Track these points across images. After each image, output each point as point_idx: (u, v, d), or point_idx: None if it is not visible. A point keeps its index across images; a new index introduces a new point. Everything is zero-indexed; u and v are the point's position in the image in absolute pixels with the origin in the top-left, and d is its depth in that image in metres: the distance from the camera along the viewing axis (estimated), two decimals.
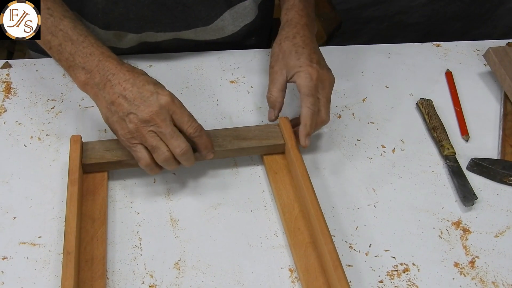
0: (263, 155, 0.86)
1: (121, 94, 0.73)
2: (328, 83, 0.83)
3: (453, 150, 0.89)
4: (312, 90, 0.81)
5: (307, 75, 0.81)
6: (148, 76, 0.76)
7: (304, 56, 0.83)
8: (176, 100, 0.74)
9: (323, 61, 0.85)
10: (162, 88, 0.74)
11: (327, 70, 0.84)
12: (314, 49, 0.85)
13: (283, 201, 0.80)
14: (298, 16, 0.88)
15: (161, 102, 0.72)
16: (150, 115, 0.71)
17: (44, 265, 0.72)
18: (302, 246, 0.75)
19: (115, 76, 0.74)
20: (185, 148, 0.73)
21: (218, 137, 0.83)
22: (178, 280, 0.72)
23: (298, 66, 0.82)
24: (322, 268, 0.73)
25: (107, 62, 0.75)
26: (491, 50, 1.02)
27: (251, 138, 0.84)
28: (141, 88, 0.73)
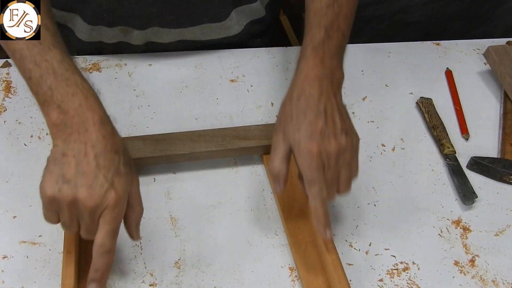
0: (263, 155, 0.85)
1: (76, 156, 0.62)
2: (335, 155, 0.67)
3: (453, 149, 0.89)
4: (313, 174, 0.67)
5: (306, 156, 0.67)
6: (120, 155, 0.64)
7: (304, 126, 0.68)
8: (118, 208, 0.62)
9: (331, 125, 0.68)
10: (121, 183, 0.62)
11: (335, 137, 0.68)
12: (323, 111, 0.68)
13: (283, 199, 0.80)
14: (308, 68, 0.71)
15: (103, 199, 0.61)
16: (86, 205, 0.61)
17: (44, 264, 0.72)
18: (302, 244, 0.75)
19: (87, 133, 0.63)
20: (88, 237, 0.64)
21: (217, 137, 0.83)
22: (178, 279, 0.72)
23: (297, 142, 0.68)
24: (322, 267, 0.73)
25: (89, 111, 0.64)
26: (491, 49, 1.02)
27: (250, 138, 0.84)
28: (99, 170, 0.62)
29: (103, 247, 0.63)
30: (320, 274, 0.72)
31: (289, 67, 1.02)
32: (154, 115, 0.91)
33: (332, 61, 0.73)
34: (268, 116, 0.93)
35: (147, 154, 0.80)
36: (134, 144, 0.81)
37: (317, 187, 0.67)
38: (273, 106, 0.94)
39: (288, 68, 1.01)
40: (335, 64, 0.73)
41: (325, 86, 0.70)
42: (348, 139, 0.69)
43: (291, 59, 1.03)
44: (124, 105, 0.92)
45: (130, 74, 0.97)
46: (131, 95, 0.94)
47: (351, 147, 0.69)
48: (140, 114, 0.91)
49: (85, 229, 0.64)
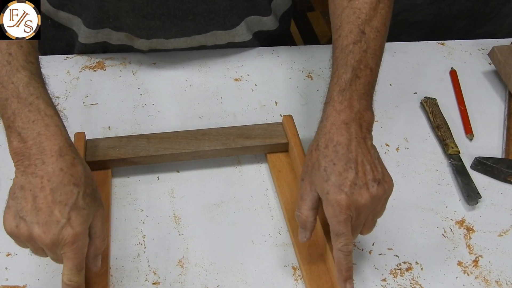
0: (267, 154, 0.86)
1: (33, 190, 0.60)
2: (363, 207, 0.65)
3: (457, 149, 0.89)
4: (340, 227, 0.64)
5: (335, 207, 0.64)
6: (80, 187, 0.61)
7: (333, 177, 0.65)
8: (78, 244, 0.60)
9: (362, 176, 0.65)
10: (79, 218, 0.60)
11: (367, 188, 0.65)
12: (354, 161, 0.65)
13: (287, 199, 0.80)
14: (334, 112, 0.67)
15: (59, 237, 0.59)
16: (43, 241, 0.59)
17: (48, 261, 0.72)
18: (306, 244, 0.75)
19: (43, 165, 0.60)
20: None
21: (221, 135, 0.83)
22: (182, 277, 0.72)
23: (326, 193, 0.65)
24: (325, 267, 0.73)
25: (47, 141, 0.61)
26: (496, 49, 1.01)
27: (254, 137, 0.84)
28: (55, 205, 0.59)
29: (69, 284, 0.61)
30: (323, 273, 0.72)
31: (293, 66, 1.02)
32: (158, 114, 0.91)
33: (361, 102, 0.69)
34: (272, 115, 0.93)
35: (151, 153, 0.81)
36: (138, 143, 0.81)
37: (343, 240, 0.65)
38: (277, 105, 0.94)
39: (292, 67, 1.01)
40: (364, 105, 0.69)
41: (353, 132, 0.67)
42: (380, 189, 0.65)
43: (295, 58, 1.03)
44: (128, 103, 0.92)
45: (134, 73, 0.97)
46: (136, 93, 0.94)
47: (383, 195, 0.66)
48: (144, 113, 0.91)
49: (52, 260, 0.63)
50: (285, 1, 1.03)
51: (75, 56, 0.99)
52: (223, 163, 0.85)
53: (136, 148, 0.81)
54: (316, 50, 1.06)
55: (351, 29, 0.71)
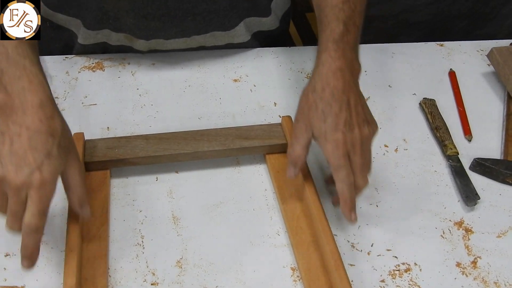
0: (266, 154, 0.86)
1: (11, 136, 0.64)
2: (360, 142, 0.72)
3: (456, 150, 0.89)
4: (340, 160, 0.71)
5: (333, 145, 0.71)
6: (56, 138, 0.65)
7: (331, 117, 0.71)
8: (45, 190, 0.63)
9: (355, 116, 0.72)
10: (50, 166, 0.64)
11: (359, 127, 0.72)
12: (347, 103, 0.72)
13: (285, 199, 0.80)
14: (330, 59, 0.74)
15: (27, 179, 0.62)
16: (11, 182, 0.62)
17: (47, 262, 0.72)
18: (304, 245, 0.75)
19: (24, 115, 0.65)
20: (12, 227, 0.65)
21: (220, 136, 0.83)
22: (180, 278, 0.72)
23: (324, 132, 0.72)
24: (323, 267, 0.73)
25: (30, 94, 0.66)
26: (495, 50, 1.01)
27: (253, 138, 0.84)
28: (30, 150, 0.63)
29: (29, 226, 0.63)
30: (321, 274, 0.72)
31: (292, 67, 1.02)
32: (157, 114, 0.91)
33: (352, 53, 0.76)
34: (271, 116, 0.93)
35: (150, 153, 0.81)
36: (137, 143, 0.81)
37: (344, 172, 0.71)
38: (276, 106, 0.94)
39: (291, 68, 1.01)
40: (354, 56, 0.76)
41: (347, 78, 0.73)
42: (370, 129, 0.74)
43: (295, 59, 1.03)
44: (127, 104, 0.92)
45: (133, 73, 0.97)
46: (134, 94, 0.94)
47: (371, 136, 0.74)
48: (143, 113, 0.91)
49: (10, 210, 0.64)
50: (284, 2, 1.03)
51: (74, 56, 0.99)
52: (222, 163, 0.85)
53: (135, 149, 0.81)
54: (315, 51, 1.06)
55: None
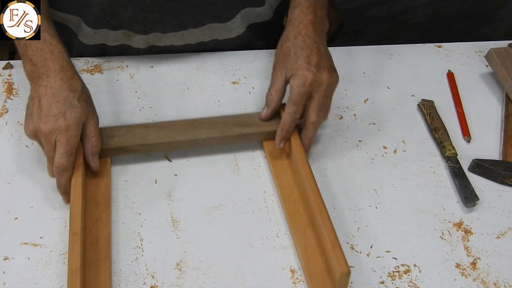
0: (263, 141, 0.87)
1: (39, 96, 0.76)
2: (326, 85, 0.81)
3: (454, 151, 0.89)
4: (299, 97, 0.80)
5: (300, 80, 0.80)
6: (76, 93, 0.77)
7: (302, 58, 0.81)
8: (70, 133, 0.74)
9: (325, 62, 0.82)
10: (72, 114, 0.75)
11: (328, 71, 0.82)
12: (317, 49, 0.83)
13: (283, 184, 0.82)
14: (302, 14, 0.85)
15: (54, 125, 0.74)
16: (42, 131, 0.74)
17: (46, 265, 0.72)
18: (301, 227, 0.77)
19: (48, 79, 0.77)
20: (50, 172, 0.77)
21: (218, 124, 0.86)
22: (180, 280, 0.72)
23: (295, 69, 0.81)
24: (320, 248, 0.74)
25: (51, 62, 0.78)
26: (493, 51, 1.01)
27: (250, 125, 0.86)
28: (54, 103, 0.75)
29: (59, 167, 0.74)
30: (318, 255, 0.74)
31: None
32: (156, 117, 0.91)
33: (322, 11, 0.87)
34: None
35: (150, 141, 0.82)
36: (137, 131, 0.83)
37: (296, 108, 0.81)
38: None
39: None
40: (323, 14, 0.87)
41: (317, 30, 0.85)
42: (336, 76, 0.83)
43: None
44: (125, 106, 0.92)
45: (132, 76, 0.97)
46: (133, 96, 0.94)
47: (334, 84, 0.83)
48: (141, 116, 0.91)
49: (47, 157, 0.76)
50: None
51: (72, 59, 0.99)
52: (221, 165, 0.85)
53: (134, 137, 0.83)
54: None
55: None
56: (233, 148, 0.87)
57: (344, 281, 0.70)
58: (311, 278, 0.72)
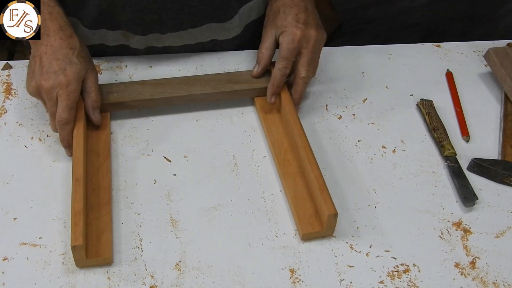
0: (255, 97, 0.93)
1: (40, 55, 0.79)
2: (314, 41, 0.85)
3: (453, 151, 0.89)
4: (288, 53, 0.85)
5: (289, 37, 0.85)
6: (75, 50, 0.81)
7: (291, 16, 0.86)
8: (70, 87, 0.78)
9: (312, 20, 0.87)
10: (72, 69, 0.79)
11: (316, 28, 0.86)
12: (304, 7, 0.87)
13: (273, 137, 0.87)
14: None
15: (55, 81, 0.77)
16: (44, 87, 0.78)
17: (45, 266, 0.72)
18: (291, 175, 0.82)
19: (48, 38, 0.80)
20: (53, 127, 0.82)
21: (212, 81, 0.91)
22: (179, 280, 0.72)
23: (284, 26, 0.86)
24: (309, 194, 0.79)
25: (50, 22, 0.81)
26: (492, 50, 1.02)
27: (243, 82, 0.92)
28: (55, 60, 0.79)
29: (61, 120, 0.78)
30: (307, 199, 0.79)
31: None
32: (155, 118, 0.91)
33: None
34: None
35: (147, 97, 0.87)
36: (134, 88, 0.89)
37: (285, 64, 0.86)
38: None
39: None
40: None
41: None
42: (323, 33, 0.87)
43: None
44: None
45: (130, 76, 0.97)
46: None
47: (322, 41, 0.88)
48: (140, 116, 0.91)
49: (49, 112, 0.80)
50: None
51: None
52: (220, 165, 0.85)
53: (132, 93, 0.88)
54: None
55: None
56: (233, 148, 0.87)
57: (331, 222, 0.75)
58: (301, 222, 0.77)
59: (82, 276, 0.71)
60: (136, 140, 0.87)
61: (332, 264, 0.75)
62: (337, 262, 0.75)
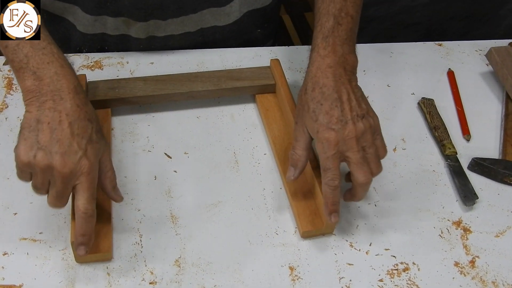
0: (256, 94, 0.93)
1: (52, 124, 0.65)
2: (355, 139, 0.70)
3: (454, 150, 0.89)
4: (329, 162, 0.70)
5: (324, 144, 0.70)
6: (93, 123, 0.67)
7: (321, 116, 0.71)
8: (92, 174, 0.66)
9: (349, 111, 0.71)
10: (93, 150, 0.66)
11: (353, 122, 0.70)
12: (337, 100, 0.71)
13: (274, 134, 0.87)
14: (319, 57, 0.74)
15: (76, 167, 0.64)
16: (59, 171, 0.64)
17: (45, 261, 0.72)
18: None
19: (62, 101, 0.66)
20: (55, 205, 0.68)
21: (213, 78, 0.91)
22: (178, 277, 0.72)
23: (316, 131, 0.71)
24: (309, 191, 0.79)
25: (64, 79, 0.67)
26: (493, 50, 1.01)
27: (244, 79, 0.91)
28: (74, 136, 0.65)
29: (86, 213, 0.66)
30: (308, 196, 0.79)
31: (291, 66, 1.02)
32: (155, 114, 0.91)
33: (344, 47, 0.74)
34: None
35: (148, 93, 0.87)
36: (135, 84, 0.89)
37: (330, 175, 0.71)
38: None
39: (290, 67, 1.01)
40: (347, 50, 0.74)
41: (338, 75, 0.72)
42: (366, 122, 0.71)
43: (293, 58, 1.03)
44: None
45: (132, 72, 0.97)
46: None
47: (370, 128, 0.71)
48: (141, 112, 0.91)
49: (55, 195, 0.66)
50: None
51: (72, 55, 0.99)
52: (220, 162, 0.85)
53: (133, 89, 0.88)
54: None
55: None
56: (234, 145, 0.87)
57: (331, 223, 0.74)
58: (301, 219, 0.77)
59: (82, 271, 0.71)
60: (137, 136, 0.87)
61: (332, 262, 0.75)
62: (337, 260, 0.75)
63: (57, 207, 0.67)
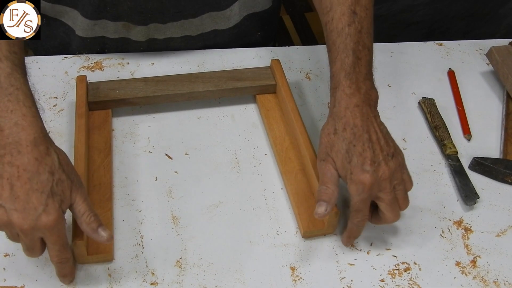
0: (256, 95, 0.93)
1: (11, 179, 0.62)
2: (388, 180, 0.70)
3: (455, 149, 0.89)
4: (361, 205, 0.71)
5: (359, 186, 0.70)
6: (55, 174, 0.64)
7: (355, 158, 0.70)
8: (58, 227, 0.63)
9: (380, 151, 0.71)
10: (55, 204, 0.62)
11: (385, 163, 0.70)
12: (368, 141, 0.71)
13: (275, 134, 0.87)
14: (345, 96, 0.73)
15: (36, 223, 0.61)
16: (20, 228, 0.62)
17: (46, 262, 0.72)
18: (293, 172, 0.82)
19: (19, 155, 0.62)
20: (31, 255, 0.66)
21: (214, 78, 0.91)
22: (180, 278, 0.72)
23: (349, 173, 0.71)
24: (310, 191, 0.80)
25: (23, 132, 0.63)
26: (494, 49, 1.01)
27: (244, 79, 0.92)
28: (33, 192, 0.62)
29: (61, 260, 0.66)
30: (309, 197, 0.79)
31: (292, 66, 1.02)
32: (156, 114, 0.91)
33: (366, 83, 0.75)
34: None
35: (149, 94, 0.88)
36: (136, 85, 0.89)
37: (360, 217, 0.72)
38: None
39: (290, 67, 1.01)
40: (369, 85, 0.75)
41: (365, 113, 0.73)
42: (396, 160, 0.72)
43: (293, 58, 1.03)
44: None
45: (132, 73, 0.97)
46: None
47: (399, 166, 0.72)
48: (142, 113, 0.91)
49: (25, 248, 0.65)
50: None
51: (73, 56, 0.99)
52: (221, 163, 0.85)
53: (134, 90, 0.88)
54: (314, 50, 1.06)
55: (343, 11, 0.76)
56: (234, 145, 0.87)
57: (333, 220, 0.75)
58: (302, 219, 0.77)
59: (83, 272, 0.71)
60: (138, 137, 0.87)
61: (333, 262, 0.75)
62: (338, 260, 0.75)
63: (33, 257, 0.67)
